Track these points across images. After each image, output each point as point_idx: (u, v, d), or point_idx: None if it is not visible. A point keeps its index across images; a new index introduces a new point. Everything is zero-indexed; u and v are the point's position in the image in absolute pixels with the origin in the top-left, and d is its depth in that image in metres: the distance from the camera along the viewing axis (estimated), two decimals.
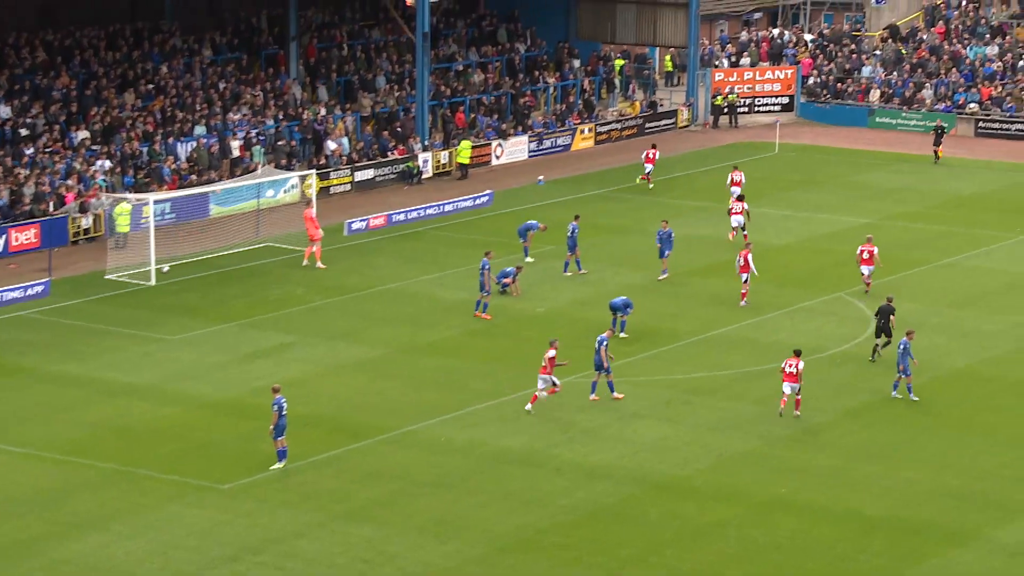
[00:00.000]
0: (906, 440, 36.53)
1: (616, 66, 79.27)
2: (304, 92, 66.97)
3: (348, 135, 65.21)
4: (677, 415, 37.96)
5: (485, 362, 41.86)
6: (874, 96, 77.14)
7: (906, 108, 76.07)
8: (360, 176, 63.33)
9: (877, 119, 76.30)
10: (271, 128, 63.21)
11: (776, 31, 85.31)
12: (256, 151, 61.50)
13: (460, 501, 33.01)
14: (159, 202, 53.72)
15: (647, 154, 63.72)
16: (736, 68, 79.42)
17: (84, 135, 58.64)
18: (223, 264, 51.60)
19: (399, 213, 57.31)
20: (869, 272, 47.97)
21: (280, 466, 34.41)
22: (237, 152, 61.32)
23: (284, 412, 34.08)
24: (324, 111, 65.52)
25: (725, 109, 77.16)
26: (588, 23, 79.19)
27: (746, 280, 46.23)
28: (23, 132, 57.34)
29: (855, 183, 64.16)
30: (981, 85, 75.23)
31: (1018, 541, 31.37)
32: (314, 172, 59.65)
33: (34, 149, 56.82)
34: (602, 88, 77.70)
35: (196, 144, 60.53)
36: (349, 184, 62.90)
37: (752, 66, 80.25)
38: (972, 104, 74.73)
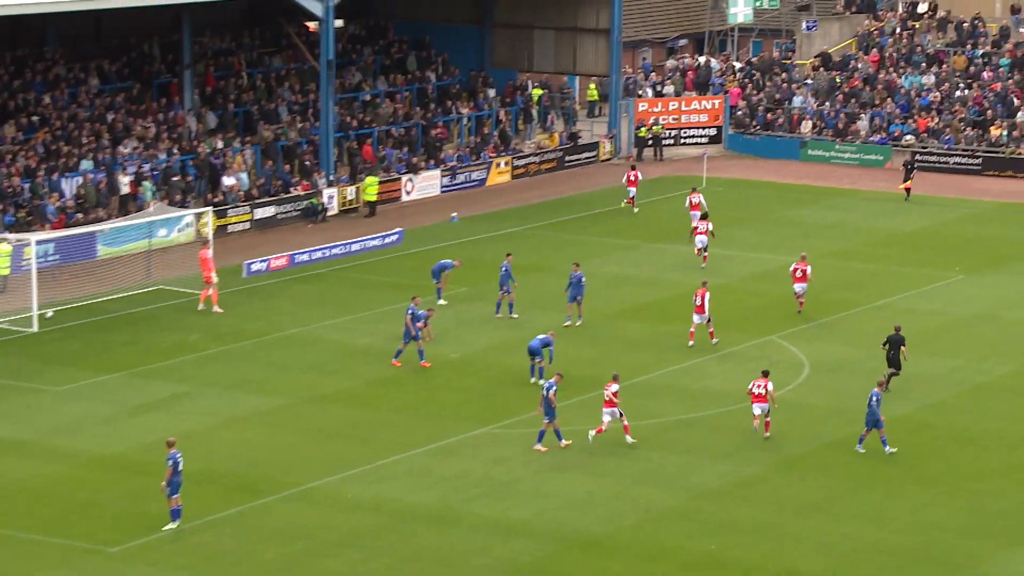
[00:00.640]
0: (843, 492, 36.77)
1: (534, 96, 79.67)
2: (199, 124, 66.72)
3: (247, 169, 64.99)
4: (601, 467, 38.02)
5: (394, 412, 41.76)
6: (806, 127, 78.02)
7: (839, 140, 76.96)
8: (260, 214, 63.11)
9: (809, 151, 77.12)
10: (164, 162, 62.88)
11: (702, 59, 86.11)
12: (147, 187, 61.14)
13: (368, 562, 32.84)
14: (42, 242, 53.24)
15: (629, 176, 65.47)
16: (661, 98, 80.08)
17: None
18: (111, 309, 51.19)
19: (302, 253, 57.15)
20: (802, 290, 50.00)
21: (174, 526, 34.10)
22: (127, 188, 60.90)
23: (179, 468, 33.80)
24: (221, 144, 65.28)
25: (650, 141, 77.71)
26: (504, 50, 79.58)
27: (709, 320, 46.91)
28: None
29: (786, 219, 64.79)
30: (918, 116, 76.31)
31: None
32: (210, 210, 59.37)
33: None
34: (519, 119, 78.00)
35: (82, 180, 60.08)
36: (248, 222, 62.65)
37: (677, 96, 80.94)
38: (908, 136, 75.74)
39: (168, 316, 50.54)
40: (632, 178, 65.43)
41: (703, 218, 56.75)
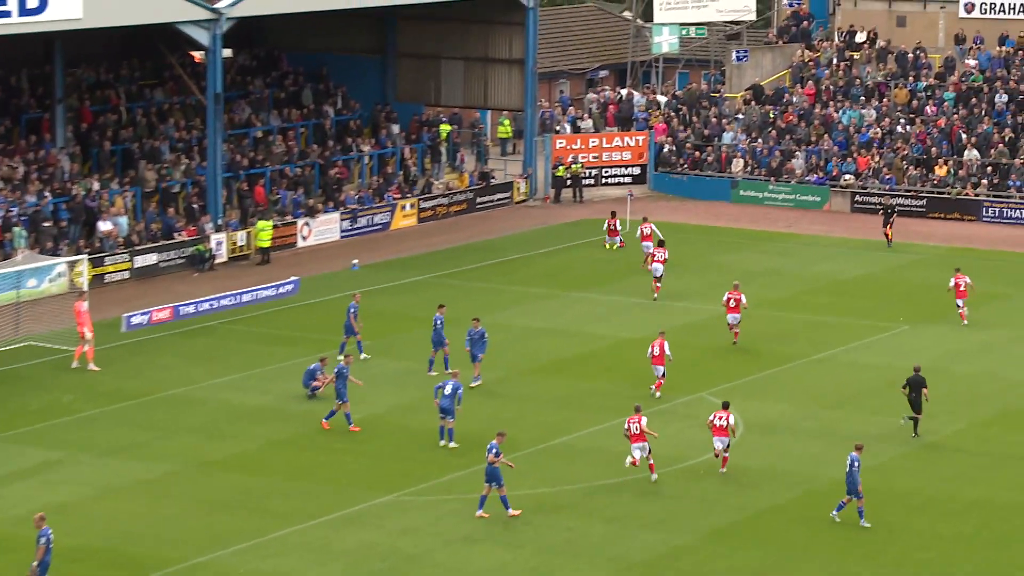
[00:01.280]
0: (780, 563, 36.84)
1: (442, 132, 79.79)
2: (73, 163, 66.28)
3: (126, 213, 64.60)
4: (517, 538, 37.91)
5: (290, 479, 41.50)
6: (737, 166, 78.60)
7: (773, 179, 77.61)
8: (141, 261, 62.75)
9: (741, 192, 77.72)
10: (34, 205, 62.39)
11: (625, 92, 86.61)
12: (16, 233, 60.64)
13: None
14: None
15: (609, 225, 67.43)
16: (580, 134, 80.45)
17: None
18: None
19: (187, 305, 56.82)
20: (735, 320, 52.53)
21: None
22: None
23: (51, 546, 33.30)
24: (98, 185, 64.87)
25: (568, 181, 78.03)
26: (408, 83, 79.73)
27: (663, 374, 47.56)
28: None
29: (716, 265, 65.14)
30: (857, 154, 77.07)
31: None
32: (85, 257, 58.95)
33: None
34: (426, 157, 78.10)
35: None
36: (128, 271, 62.29)
37: (597, 132, 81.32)
38: (847, 176, 76.48)
39: (39, 375, 50.06)
40: (615, 227, 67.51)
41: (660, 245, 59.98)
